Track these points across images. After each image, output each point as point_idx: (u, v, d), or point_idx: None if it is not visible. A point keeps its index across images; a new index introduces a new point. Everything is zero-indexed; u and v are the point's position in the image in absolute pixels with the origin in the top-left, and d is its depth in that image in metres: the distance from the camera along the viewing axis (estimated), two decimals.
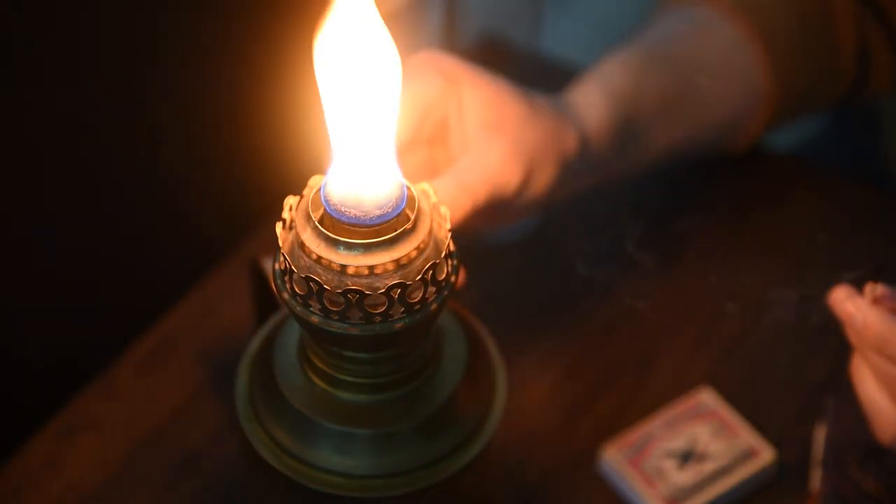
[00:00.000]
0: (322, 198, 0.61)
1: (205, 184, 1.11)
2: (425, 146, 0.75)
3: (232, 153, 1.12)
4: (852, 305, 0.69)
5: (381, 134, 0.62)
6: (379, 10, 0.62)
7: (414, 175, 0.70)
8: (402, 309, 0.61)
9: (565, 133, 0.76)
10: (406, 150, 0.73)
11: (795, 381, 0.86)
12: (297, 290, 0.61)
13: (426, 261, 0.61)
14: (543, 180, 0.75)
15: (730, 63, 0.89)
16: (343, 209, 0.61)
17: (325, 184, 0.62)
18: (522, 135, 0.73)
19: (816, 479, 0.78)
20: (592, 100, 0.80)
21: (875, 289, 0.69)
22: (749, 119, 0.91)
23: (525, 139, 0.73)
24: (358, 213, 0.60)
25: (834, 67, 0.92)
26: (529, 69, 1.07)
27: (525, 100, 0.75)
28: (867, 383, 0.70)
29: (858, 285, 0.69)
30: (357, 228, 0.60)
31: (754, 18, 0.89)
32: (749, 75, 0.89)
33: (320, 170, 0.63)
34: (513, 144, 0.73)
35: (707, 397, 0.83)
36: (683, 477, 0.79)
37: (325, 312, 0.61)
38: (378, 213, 0.61)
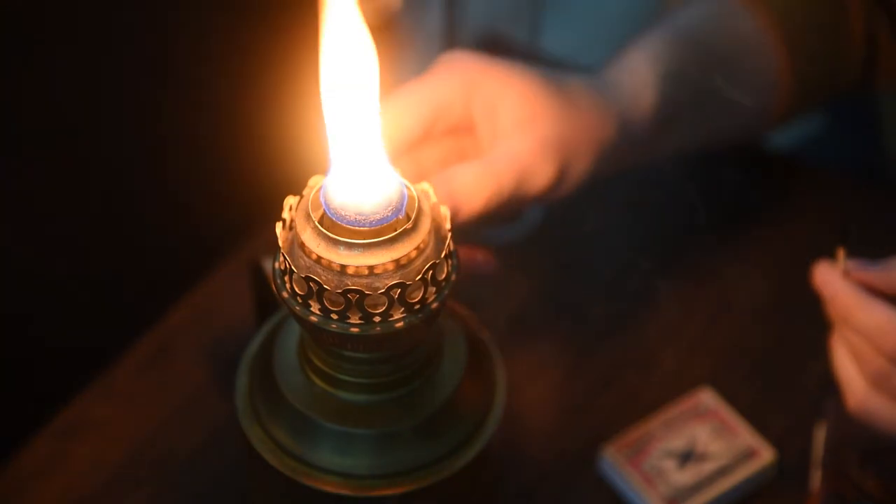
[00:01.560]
0: (322, 199, 0.61)
1: (205, 184, 1.11)
2: (450, 137, 0.75)
3: (232, 153, 1.12)
4: (824, 278, 0.72)
5: (379, 138, 0.62)
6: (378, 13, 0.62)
7: (441, 163, 0.70)
8: (402, 309, 0.61)
9: (604, 120, 0.76)
10: (420, 145, 0.73)
11: (795, 381, 0.86)
12: (297, 290, 0.61)
13: (426, 261, 0.61)
14: (579, 171, 0.74)
15: (751, 53, 0.89)
16: (343, 211, 0.61)
17: (325, 185, 0.62)
18: (556, 130, 0.73)
19: (816, 479, 0.78)
20: (640, 79, 0.80)
21: (843, 253, 0.72)
22: (768, 108, 0.91)
23: (559, 134, 0.73)
24: (357, 215, 0.60)
25: (845, 58, 0.93)
26: None
27: (560, 92, 0.74)
28: (839, 353, 0.73)
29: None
30: (357, 228, 0.60)
31: (769, 10, 0.89)
32: (767, 66, 0.89)
33: (320, 170, 0.63)
34: (545, 138, 0.72)
35: (707, 397, 0.83)
36: (683, 477, 0.79)
37: (325, 312, 0.61)
38: (378, 214, 0.61)
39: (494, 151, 0.72)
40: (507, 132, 0.73)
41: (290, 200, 0.63)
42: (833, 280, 0.72)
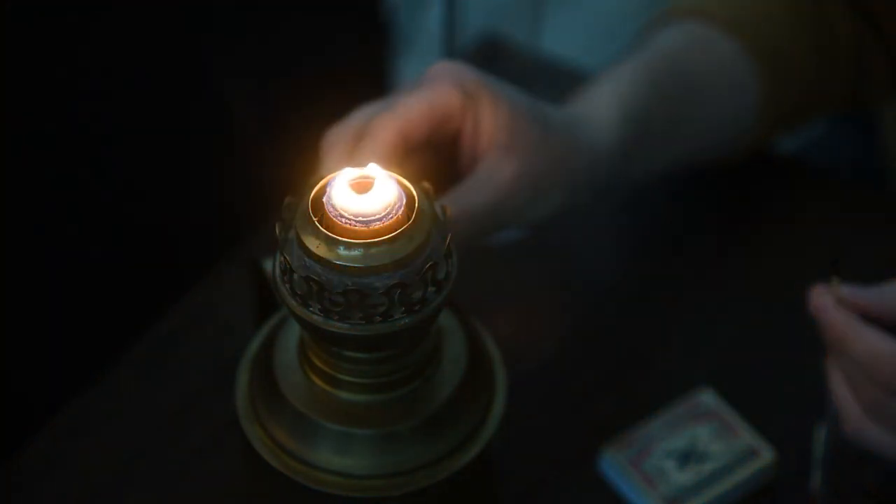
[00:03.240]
0: (322, 199, 0.61)
1: (205, 184, 1.11)
2: (424, 150, 0.75)
3: (232, 153, 1.12)
4: (818, 304, 0.72)
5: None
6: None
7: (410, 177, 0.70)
8: (403, 309, 0.61)
9: (576, 155, 0.76)
10: (410, 153, 0.73)
11: (795, 381, 0.86)
12: (297, 290, 0.61)
13: (426, 261, 0.61)
14: (550, 203, 0.75)
15: (729, 77, 0.89)
16: (343, 211, 0.61)
17: (326, 185, 0.62)
18: (533, 160, 0.73)
19: (816, 479, 0.78)
20: (606, 116, 0.80)
21: (835, 283, 0.72)
22: (748, 131, 0.91)
23: (535, 164, 0.73)
24: (358, 215, 0.60)
25: (831, 80, 0.93)
26: (529, 69, 1.07)
27: (540, 122, 0.74)
28: (835, 378, 0.73)
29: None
30: (357, 228, 0.60)
31: (750, 33, 0.89)
32: (747, 89, 0.89)
33: (320, 170, 0.64)
34: (521, 170, 0.73)
35: (707, 397, 0.83)
36: (683, 477, 0.79)
37: (325, 312, 0.61)
38: (378, 213, 0.61)
39: (467, 186, 0.72)
40: (485, 154, 0.73)
41: (290, 200, 0.63)
42: (827, 307, 0.72)
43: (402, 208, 0.61)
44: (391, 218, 0.61)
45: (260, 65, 1.11)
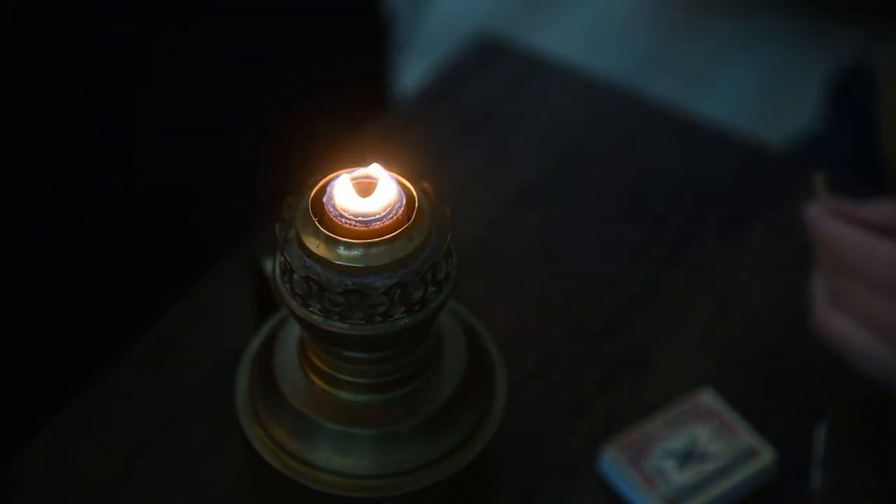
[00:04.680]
0: (322, 199, 0.61)
1: (205, 184, 1.11)
2: None
3: (232, 153, 1.12)
4: (809, 215, 0.76)
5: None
6: None
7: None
8: (403, 309, 0.61)
9: None
10: None
11: (795, 381, 0.86)
12: (297, 290, 0.61)
13: (426, 261, 0.61)
14: None
15: None
16: (343, 210, 0.61)
17: (326, 185, 0.62)
18: None
19: (816, 479, 0.78)
20: None
21: (823, 195, 0.76)
22: None
23: None
24: (358, 215, 0.60)
25: None
26: (529, 69, 1.07)
27: None
28: (816, 281, 0.77)
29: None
30: (357, 228, 0.60)
31: None
32: None
33: (320, 170, 0.64)
34: None
35: (707, 397, 0.83)
36: (683, 477, 0.79)
37: (325, 312, 0.61)
38: (378, 213, 0.61)
39: None
40: None
41: (290, 200, 0.63)
42: (814, 210, 0.76)
43: (402, 208, 0.61)
44: (391, 218, 0.61)
45: (259, 65, 1.11)
